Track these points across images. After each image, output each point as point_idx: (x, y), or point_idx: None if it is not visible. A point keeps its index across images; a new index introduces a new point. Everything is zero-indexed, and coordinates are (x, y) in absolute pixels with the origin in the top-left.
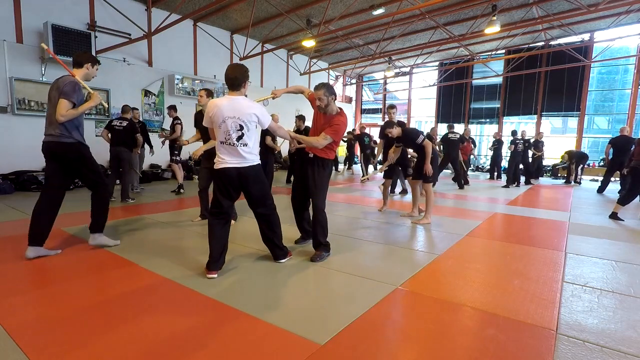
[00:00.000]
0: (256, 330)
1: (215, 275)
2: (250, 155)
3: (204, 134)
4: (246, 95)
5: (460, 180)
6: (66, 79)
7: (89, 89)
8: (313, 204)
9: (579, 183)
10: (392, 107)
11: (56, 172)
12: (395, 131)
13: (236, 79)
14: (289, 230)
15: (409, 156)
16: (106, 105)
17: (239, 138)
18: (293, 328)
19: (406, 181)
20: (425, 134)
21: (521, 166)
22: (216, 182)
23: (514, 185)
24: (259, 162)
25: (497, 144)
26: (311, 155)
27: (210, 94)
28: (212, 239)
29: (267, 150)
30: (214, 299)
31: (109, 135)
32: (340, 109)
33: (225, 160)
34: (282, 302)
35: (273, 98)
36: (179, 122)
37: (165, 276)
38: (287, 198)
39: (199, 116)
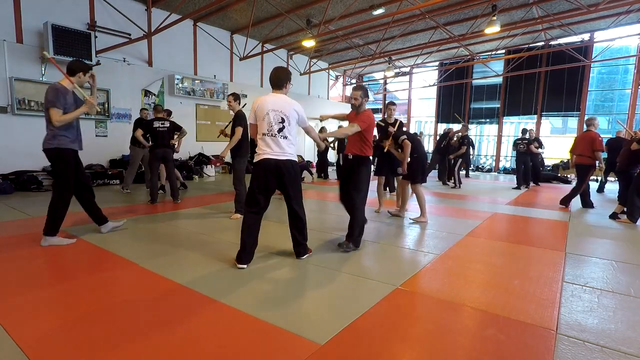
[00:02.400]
0: (256, 330)
1: (245, 267)
2: (288, 149)
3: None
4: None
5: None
6: (50, 87)
7: (84, 94)
8: (352, 201)
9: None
10: (393, 104)
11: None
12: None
13: (279, 78)
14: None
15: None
16: (99, 110)
17: (280, 130)
18: (293, 328)
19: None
20: (408, 133)
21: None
22: (254, 175)
23: (524, 186)
24: (296, 159)
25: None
26: (350, 156)
27: (237, 97)
28: (246, 232)
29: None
30: (212, 297)
31: (146, 135)
32: (368, 109)
33: (265, 152)
34: (282, 302)
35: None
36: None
37: (163, 275)
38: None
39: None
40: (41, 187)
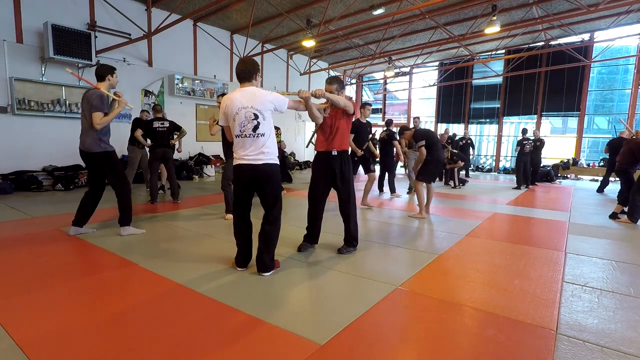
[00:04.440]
0: (256, 330)
1: (245, 269)
2: (267, 149)
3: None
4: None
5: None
6: (93, 93)
7: (113, 96)
8: (345, 200)
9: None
10: (369, 104)
11: (90, 174)
12: (409, 133)
13: (245, 69)
14: (291, 231)
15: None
16: (132, 107)
17: (255, 128)
18: (293, 328)
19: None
20: (429, 136)
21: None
22: (234, 179)
23: (525, 186)
24: (276, 161)
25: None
26: (335, 152)
27: None
28: (239, 236)
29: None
30: (213, 298)
31: (142, 135)
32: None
33: (240, 156)
34: (282, 302)
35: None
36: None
37: (164, 275)
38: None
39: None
40: (41, 187)
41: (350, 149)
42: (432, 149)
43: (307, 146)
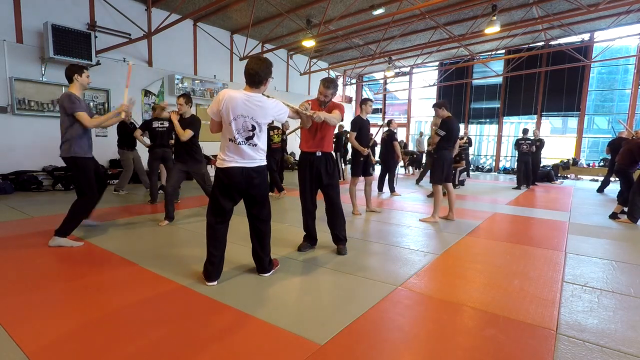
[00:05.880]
0: (256, 329)
1: (215, 283)
2: (257, 155)
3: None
4: (267, 96)
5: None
6: (61, 97)
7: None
8: (332, 199)
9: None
10: (371, 100)
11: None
12: (445, 113)
13: (257, 74)
14: (290, 231)
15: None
16: (126, 117)
17: (249, 138)
18: (293, 328)
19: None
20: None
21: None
22: (219, 182)
23: (525, 186)
24: (265, 163)
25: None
26: (319, 153)
27: (189, 100)
28: (215, 245)
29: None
30: (213, 298)
31: (142, 135)
32: (339, 103)
33: (232, 159)
34: (282, 302)
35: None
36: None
37: (164, 275)
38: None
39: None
40: (41, 187)
41: (352, 149)
42: (442, 145)
43: (288, 134)
